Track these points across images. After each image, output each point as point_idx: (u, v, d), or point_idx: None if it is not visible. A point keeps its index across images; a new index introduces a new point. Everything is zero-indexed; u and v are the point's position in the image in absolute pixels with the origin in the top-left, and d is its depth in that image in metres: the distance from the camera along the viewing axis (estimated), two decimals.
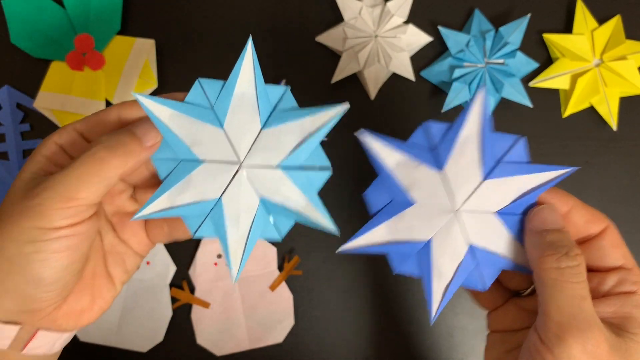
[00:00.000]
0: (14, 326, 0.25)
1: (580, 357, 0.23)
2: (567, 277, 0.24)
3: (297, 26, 0.47)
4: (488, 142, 0.26)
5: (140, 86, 0.45)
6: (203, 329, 0.46)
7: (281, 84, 0.45)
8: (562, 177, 0.27)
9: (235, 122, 0.26)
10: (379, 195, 0.28)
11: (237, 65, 0.25)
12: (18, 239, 0.23)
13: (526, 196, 0.26)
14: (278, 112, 0.26)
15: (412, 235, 0.27)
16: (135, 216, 0.25)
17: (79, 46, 0.44)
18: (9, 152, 0.46)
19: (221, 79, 0.27)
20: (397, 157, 0.26)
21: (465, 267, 0.27)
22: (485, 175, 0.26)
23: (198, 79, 0.27)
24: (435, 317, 0.27)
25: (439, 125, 0.27)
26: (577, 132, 0.47)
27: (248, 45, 0.25)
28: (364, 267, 0.47)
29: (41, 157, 0.25)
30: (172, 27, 0.47)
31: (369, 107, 0.47)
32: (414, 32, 0.45)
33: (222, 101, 0.26)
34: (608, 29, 0.46)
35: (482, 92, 0.26)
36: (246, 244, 0.26)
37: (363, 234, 0.27)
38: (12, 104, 0.46)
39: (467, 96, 0.45)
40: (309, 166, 0.27)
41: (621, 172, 0.47)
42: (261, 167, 0.26)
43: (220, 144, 0.26)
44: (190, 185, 0.26)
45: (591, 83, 0.46)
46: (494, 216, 0.27)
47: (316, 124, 0.26)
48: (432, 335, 0.47)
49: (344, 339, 0.47)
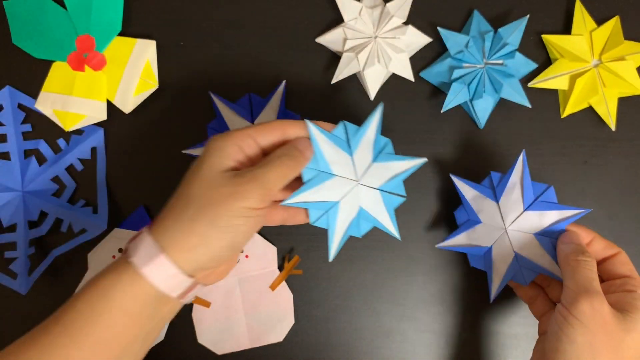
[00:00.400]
0: (191, 279, 0.32)
1: (588, 312, 0.34)
2: (582, 265, 0.36)
3: (298, 27, 0.47)
4: (528, 186, 0.41)
5: (141, 87, 0.46)
6: (204, 328, 0.46)
7: (281, 85, 0.46)
8: (580, 215, 0.40)
9: (359, 154, 0.38)
10: (461, 215, 0.44)
11: (371, 117, 0.37)
12: (229, 214, 0.31)
13: (555, 225, 0.40)
14: (383, 154, 0.38)
15: (480, 242, 0.43)
16: (284, 202, 0.35)
17: (80, 47, 0.44)
18: (10, 152, 0.46)
19: (354, 123, 0.38)
20: (473, 193, 0.43)
21: (513, 267, 0.42)
22: (525, 208, 0.41)
23: (343, 121, 0.37)
24: (494, 298, 0.42)
25: (497, 175, 0.43)
26: (575, 132, 0.47)
27: (379, 108, 0.37)
28: (364, 267, 0.47)
29: (227, 156, 0.33)
30: (173, 28, 0.47)
31: (368, 107, 0.47)
32: (413, 33, 0.45)
33: (355, 139, 0.38)
34: (607, 30, 0.46)
35: (522, 154, 0.41)
36: (343, 236, 0.39)
37: (452, 237, 0.43)
38: (14, 104, 0.46)
39: (466, 96, 0.45)
40: (394, 193, 0.40)
41: (620, 172, 0.47)
42: (368, 187, 0.39)
43: (347, 167, 0.38)
44: (322, 189, 0.37)
45: (590, 83, 0.46)
46: (531, 236, 0.41)
47: (403, 168, 0.38)
48: (431, 335, 0.47)
49: (343, 338, 0.47)
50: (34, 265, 0.46)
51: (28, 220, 0.46)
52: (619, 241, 0.43)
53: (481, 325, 0.47)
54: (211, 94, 0.45)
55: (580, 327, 0.34)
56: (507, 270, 0.42)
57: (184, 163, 0.47)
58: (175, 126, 0.47)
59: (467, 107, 0.46)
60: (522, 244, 0.41)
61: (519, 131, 0.47)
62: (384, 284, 0.47)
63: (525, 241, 0.41)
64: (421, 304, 0.47)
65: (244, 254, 0.46)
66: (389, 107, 0.47)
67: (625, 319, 0.34)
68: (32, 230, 0.46)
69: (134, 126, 0.47)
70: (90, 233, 0.46)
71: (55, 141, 0.47)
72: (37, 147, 0.47)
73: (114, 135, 0.47)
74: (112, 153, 0.47)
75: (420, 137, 0.47)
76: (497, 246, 0.42)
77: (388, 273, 0.47)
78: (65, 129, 0.45)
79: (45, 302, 0.47)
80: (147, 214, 0.46)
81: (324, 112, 0.47)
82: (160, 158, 0.47)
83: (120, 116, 0.47)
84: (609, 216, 0.47)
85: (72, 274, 0.46)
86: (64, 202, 0.46)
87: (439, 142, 0.47)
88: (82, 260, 0.46)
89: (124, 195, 0.47)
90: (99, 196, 0.46)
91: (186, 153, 0.45)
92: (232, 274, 0.46)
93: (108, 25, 0.45)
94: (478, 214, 0.42)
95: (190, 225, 0.31)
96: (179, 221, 0.31)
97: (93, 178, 0.47)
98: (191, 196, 0.32)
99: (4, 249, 0.46)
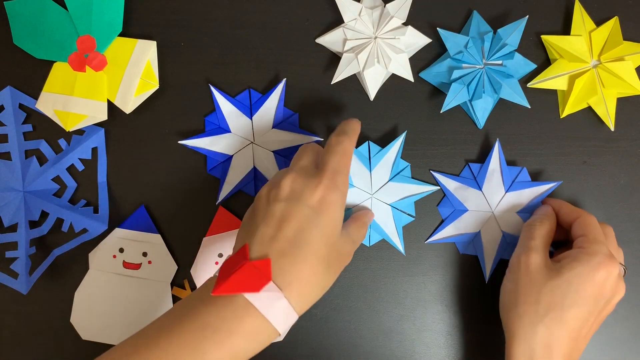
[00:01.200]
0: (297, 315, 0.34)
1: (515, 264, 0.41)
2: (526, 229, 0.43)
3: (298, 27, 0.47)
4: (505, 170, 0.46)
5: (142, 87, 0.46)
6: None
7: (281, 83, 0.46)
8: (552, 189, 0.45)
9: (378, 172, 0.44)
10: (445, 208, 0.47)
11: (394, 141, 0.44)
12: (342, 268, 0.38)
13: (533, 201, 0.45)
14: (400, 175, 0.45)
15: (468, 229, 0.46)
16: None
17: (81, 47, 0.44)
18: (11, 152, 0.46)
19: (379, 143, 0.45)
20: (454, 184, 0.46)
21: (502, 246, 0.46)
22: (506, 191, 0.46)
23: (368, 141, 0.45)
24: (489, 278, 0.46)
25: (477, 165, 0.47)
26: (574, 132, 0.48)
27: (403, 135, 0.44)
28: (364, 266, 0.47)
29: (342, 211, 0.38)
30: (173, 28, 0.47)
31: (368, 107, 0.47)
32: (413, 34, 0.46)
33: (378, 158, 0.44)
34: (606, 30, 0.46)
35: (497, 142, 0.46)
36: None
37: (440, 231, 0.46)
38: (15, 104, 0.46)
39: (465, 97, 0.45)
40: (404, 211, 0.46)
41: (619, 172, 0.47)
42: (381, 202, 0.44)
43: (365, 180, 0.44)
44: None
45: (589, 84, 0.46)
46: (515, 214, 0.46)
47: (415, 191, 0.45)
48: (431, 334, 0.47)
49: (343, 338, 0.47)
50: (34, 265, 0.46)
51: (29, 220, 0.46)
52: (618, 241, 0.43)
53: (481, 325, 0.47)
54: (211, 87, 0.46)
55: (509, 276, 0.41)
56: (497, 251, 0.46)
57: (184, 163, 0.47)
58: (175, 126, 0.47)
59: (467, 107, 0.47)
60: (508, 223, 0.46)
61: (518, 131, 0.47)
62: (384, 284, 0.47)
63: (510, 220, 0.46)
64: (421, 303, 0.47)
65: None
66: (388, 108, 0.47)
67: (552, 268, 0.39)
68: (33, 230, 0.46)
69: (134, 126, 0.47)
70: (91, 233, 0.46)
71: (56, 141, 0.47)
72: (38, 147, 0.47)
73: (114, 136, 0.47)
74: (112, 153, 0.47)
75: (419, 137, 0.47)
76: (485, 230, 0.46)
77: (388, 273, 0.47)
78: (66, 129, 0.45)
79: (46, 302, 0.47)
80: (147, 214, 0.47)
81: (324, 112, 0.47)
82: (160, 158, 0.47)
83: (121, 116, 0.47)
84: (608, 216, 0.47)
85: (73, 274, 0.47)
86: (65, 202, 0.47)
87: (439, 142, 0.47)
88: (83, 260, 0.47)
89: (124, 195, 0.47)
90: (100, 196, 0.47)
91: (183, 144, 0.45)
92: None
93: (109, 26, 0.45)
94: (464, 203, 0.46)
95: (315, 278, 0.35)
96: (304, 271, 0.34)
97: (94, 178, 0.47)
98: (314, 249, 0.35)
99: (5, 248, 0.46)
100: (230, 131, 0.46)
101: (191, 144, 0.45)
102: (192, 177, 0.47)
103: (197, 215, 0.47)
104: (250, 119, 0.46)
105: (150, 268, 0.46)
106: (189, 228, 0.47)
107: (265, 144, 0.46)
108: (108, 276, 0.46)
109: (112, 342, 0.46)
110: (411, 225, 0.47)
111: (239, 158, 0.46)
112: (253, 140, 0.46)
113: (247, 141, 0.46)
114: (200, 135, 0.46)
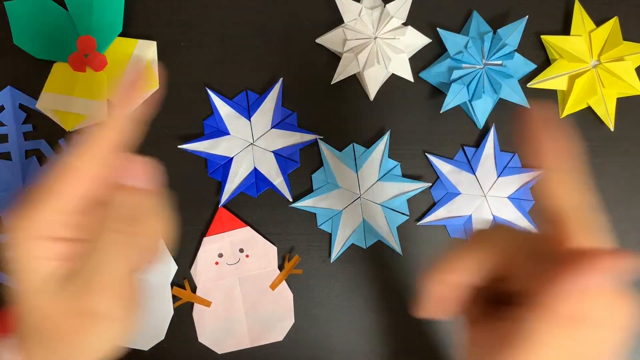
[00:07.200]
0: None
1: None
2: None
3: (298, 28, 0.47)
4: (499, 156, 0.47)
5: (142, 87, 0.46)
6: (204, 327, 0.46)
7: (278, 83, 0.46)
8: (541, 175, 0.43)
9: (365, 172, 0.45)
10: (439, 191, 0.47)
11: (379, 141, 0.45)
12: None
13: (523, 187, 0.47)
14: (389, 174, 0.45)
15: (460, 212, 0.47)
16: (293, 204, 0.45)
17: (81, 47, 0.44)
18: (11, 152, 0.46)
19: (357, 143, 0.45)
20: (448, 167, 0.47)
21: None
22: (498, 175, 0.46)
23: (353, 142, 0.46)
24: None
25: (471, 149, 0.47)
26: (574, 132, 0.47)
27: (386, 135, 0.45)
28: (364, 266, 0.47)
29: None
30: (173, 29, 0.47)
31: (368, 107, 0.47)
32: (413, 34, 0.46)
33: (363, 158, 0.45)
34: (605, 31, 0.46)
35: (492, 128, 0.47)
36: (344, 243, 0.46)
37: (432, 213, 0.47)
38: (15, 104, 0.46)
39: (465, 97, 0.45)
40: (397, 210, 0.45)
41: (619, 172, 0.48)
42: (371, 201, 0.45)
43: (352, 181, 0.45)
44: (328, 198, 0.45)
45: (589, 84, 0.46)
46: (506, 199, 0.47)
47: (405, 189, 0.45)
48: (431, 332, 0.47)
49: (343, 337, 0.47)
50: None
51: None
52: (618, 241, 0.43)
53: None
54: (208, 90, 0.46)
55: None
56: None
57: (184, 163, 0.47)
58: (175, 126, 0.47)
59: (467, 107, 0.47)
60: (499, 208, 0.47)
61: (518, 131, 0.47)
62: (384, 283, 0.47)
63: (501, 205, 0.47)
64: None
65: (245, 253, 0.46)
66: (388, 108, 0.47)
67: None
68: None
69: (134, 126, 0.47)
70: None
71: (56, 141, 0.47)
72: (38, 147, 0.47)
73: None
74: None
75: (419, 137, 0.47)
76: (476, 213, 0.47)
77: (388, 272, 0.47)
78: (66, 129, 0.45)
79: None
80: None
81: (324, 112, 0.47)
82: (160, 158, 0.47)
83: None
84: (608, 216, 0.47)
85: None
86: None
87: (438, 142, 0.47)
88: None
89: None
90: None
91: (182, 148, 0.45)
92: (233, 274, 0.46)
93: (109, 26, 0.45)
94: (457, 187, 0.46)
95: None
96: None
97: None
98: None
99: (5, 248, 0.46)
100: (229, 133, 0.46)
101: (191, 148, 0.45)
102: (192, 178, 0.47)
103: (197, 215, 0.47)
104: (249, 120, 0.46)
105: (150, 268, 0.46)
106: (189, 228, 0.47)
107: (265, 144, 0.46)
108: None
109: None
110: (409, 220, 0.47)
111: (239, 160, 0.46)
112: (252, 141, 0.46)
113: (247, 142, 0.46)
114: (200, 138, 0.46)
